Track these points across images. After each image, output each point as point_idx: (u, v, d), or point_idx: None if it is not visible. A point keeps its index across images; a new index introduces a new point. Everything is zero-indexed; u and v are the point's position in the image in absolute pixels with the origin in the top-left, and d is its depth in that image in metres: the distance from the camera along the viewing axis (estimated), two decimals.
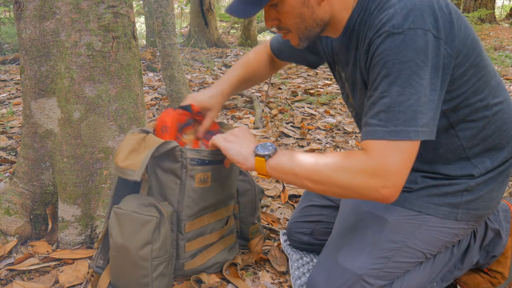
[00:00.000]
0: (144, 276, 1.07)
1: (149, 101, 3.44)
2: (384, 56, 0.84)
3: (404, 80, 0.82)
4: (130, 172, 1.03)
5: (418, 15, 0.82)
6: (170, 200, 1.14)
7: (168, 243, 1.10)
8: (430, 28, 0.82)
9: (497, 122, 0.98)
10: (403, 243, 1.01)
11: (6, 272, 1.24)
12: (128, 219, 1.06)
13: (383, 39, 0.84)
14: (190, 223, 1.16)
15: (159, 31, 2.96)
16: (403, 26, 0.82)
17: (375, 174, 0.85)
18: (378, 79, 0.86)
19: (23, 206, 1.39)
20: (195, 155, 1.11)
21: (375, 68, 0.86)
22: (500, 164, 1.01)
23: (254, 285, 1.24)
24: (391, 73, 0.83)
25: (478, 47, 0.92)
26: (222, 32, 9.98)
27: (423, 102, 0.83)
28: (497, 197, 1.03)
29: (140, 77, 1.45)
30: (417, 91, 0.82)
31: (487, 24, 9.31)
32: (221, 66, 5.44)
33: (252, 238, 1.40)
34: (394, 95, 0.83)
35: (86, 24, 1.27)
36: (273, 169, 0.96)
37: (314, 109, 3.36)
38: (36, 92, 1.33)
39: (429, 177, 1.02)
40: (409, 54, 0.82)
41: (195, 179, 1.13)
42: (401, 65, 0.82)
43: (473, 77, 0.92)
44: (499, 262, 1.17)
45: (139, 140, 1.10)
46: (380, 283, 1.01)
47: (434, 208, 1.01)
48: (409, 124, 0.82)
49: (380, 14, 0.86)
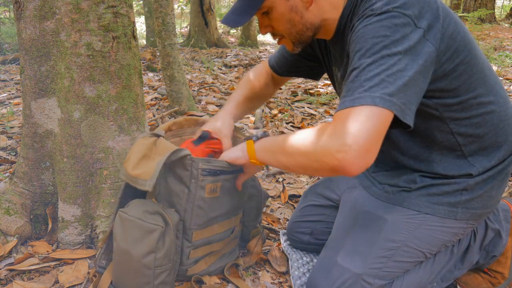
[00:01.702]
0: (146, 283, 1.06)
1: (149, 101, 3.44)
2: (360, 34, 0.85)
3: (375, 52, 0.81)
4: (141, 182, 1.02)
5: (401, 2, 0.82)
6: (177, 208, 1.13)
7: (172, 252, 1.09)
8: (410, 15, 0.82)
9: (493, 120, 0.98)
10: (403, 242, 1.01)
11: (6, 272, 1.24)
12: (133, 225, 1.05)
13: (360, 21, 0.86)
14: (199, 232, 1.15)
15: (159, 31, 2.96)
16: (381, 9, 0.83)
17: (333, 135, 0.79)
18: (354, 57, 0.85)
19: (23, 206, 1.39)
20: (206, 166, 1.10)
21: (351, 46, 0.87)
22: (498, 162, 1.01)
23: (254, 285, 1.24)
24: (362, 47, 0.83)
25: (470, 44, 0.92)
26: (222, 32, 9.98)
27: (392, 73, 0.79)
28: (496, 196, 1.03)
29: (140, 77, 1.45)
30: (387, 63, 0.79)
31: (487, 24, 9.31)
32: (221, 66, 5.44)
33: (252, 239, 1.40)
34: (363, 66, 0.81)
35: (86, 24, 1.27)
36: (259, 150, 1.02)
37: (314, 109, 3.36)
38: (36, 92, 1.33)
39: (428, 177, 1.02)
40: (383, 30, 0.81)
41: (205, 189, 1.11)
42: (373, 40, 0.82)
43: (464, 73, 0.92)
44: (499, 262, 1.17)
45: (150, 145, 1.09)
46: (379, 282, 1.01)
47: (433, 208, 1.01)
48: (375, 90, 0.78)
49: (366, 4, 0.88)
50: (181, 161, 1.08)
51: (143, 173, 1.02)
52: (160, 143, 1.10)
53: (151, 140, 1.10)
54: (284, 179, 2.08)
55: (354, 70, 0.83)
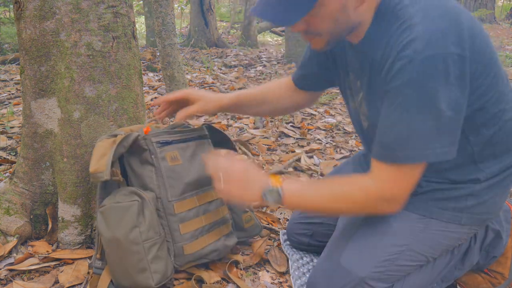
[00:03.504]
0: (139, 260, 1.08)
1: (149, 101, 3.44)
2: (403, 82, 0.83)
3: (423, 106, 0.83)
4: (99, 175, 1.08)
5: (440, 38, 0.80)
6: (151, 188, 1.17)
7: (155, 224, 1.12)
8: (452, 50, 0.80)
9: (507, 128, 0.97)
10: (407, 246, 1.00)
11: (6, 272, 1.24)
12: (111, 211, 1.10)
13: (404, 64, 0.82)
14: (179, 203, 1.17)
15: (159, 31, 2.96)
16: (424, 52, 0.80)
17: (384, 200, 0.93)
18: (396, 103, 0.85)
19: (23, 206, 1.39)
20: (159, 138, 1.18)
21: (394, 91, 0.86)
22: (505, 169, 1.00)
23: (254, 285, 1.24)
24: (410, 99, 0.83)
25: (495, 56, 0.91)
26: (222, 32, 9.98)
27: (442, 124, 0.84)
28: (500, 202, 1.03)
29: (140, 77, 1.45)
30: (436, 117, 0.83)
31: (487, 24, 9.31)
32: (221, 66, 5.43)
33: (249, 228, 1.40)
34: (412, 123, 0.84)
35: (86, 24, 1.27)
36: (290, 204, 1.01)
37: (314, 109, 3.36)
38: (36, 92, 1.33)
39: (433, 181, 1.01)
40: (428, 82, 0.81)
41: (166, 159, 1.18)
42: (420, 92, 0.82)
43: (491, 86, 0.90)
44: (499, 263, 1.17)
45: (108, 145, 1.13)
46: (381, 285, 1.00)
47: (438, 212, 1.00)
48: (426, 147, 0.86)
49: (402, 34, 0.84)
50: (137, 144, 1.17)
51: (99, 167, 1.09)
52: (118, 139, 1.14)
53: (110, 141, 1.15)
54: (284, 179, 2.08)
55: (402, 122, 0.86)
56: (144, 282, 1.09)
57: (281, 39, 9.30)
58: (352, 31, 0.95)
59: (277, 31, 9.72)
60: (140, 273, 1.08)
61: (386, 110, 0.89)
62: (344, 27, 0.92)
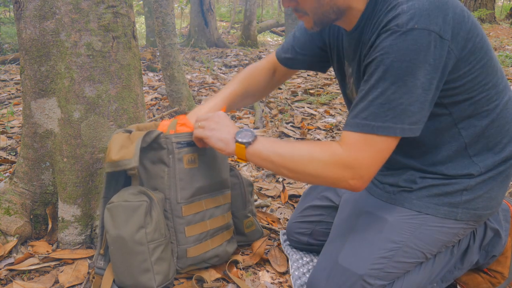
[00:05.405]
0: (143, 260, 1.08)
1: (149, 101, 3.44)
2: (384, 53, 0.85)
3: (399, 78, 0.84)
4: (126, 162, 1.07)
5: (424, 15, 0.82)
6: (160, 188, 1.16)
7: (161, 226, 1.12)
8: (435, 29, 0.82)
9: (500, 121, 0.98)
10: (403, 243, 1.01)
11: (6, 272, 1.24)
12: (119, 209, 1.09)
13: (386, 36, 0.85)
14: (187, 206, 1.17)
15: (159, 31, 2.96)
16: (407, 25, 0.82)
17: (347, 166, 0.90)
18: (374, 74, 0.87)
19: (23, 206, 1.39)
20: (180, 139, 1.16)
21: (373, 62, 0.88)
22: (499, 163, 1.01)
23: (254, 285, 1.24)
24: (387, 70, 0.84)
25: (486, 46, 0.92)
26: (222, 32, 9.99)
27: (414, 101, 0.85)
28: (497, 197, 1.03)
29: (140, 77, 1.45)
30: (410, 91, 0.84)
31: (487, 24, 9.31)
32: (221, 66, 5.44)
33: (249, 233, 1.41)
34: (387, 93, 0.85)
35: (86, 24, 1.27)
36: (252, 155, 1.02)
37: (314, 109, 3.36)
38: (36, 92, 1.33)
39: (428, 177, 1.02)
40: (408, 54, 0.82)
41: (183, 161, 1.16)
42: (398, 64, 0.83)
43: (480, 75, 0.92)
44: (499, 262, 1.17)
45: (125, 138, 1.14)
46: (380, 283, 1.01)
47: (434, 208, 1.01)
48: (396, 121, 0.86)
49: (388, 13, 0.87)
50: (156, 142, 1.15)
51: (125, 154, 1.08)
52: (133, 134, 1.15)
53: (125, 135, 1.15)
54: (284, 178, 2.08)
55: (377, 92, 0.86)
56: (146, 282, 1.09)
57: (281, 39, 9.30)
58: (342, 16, 0.99)
59: (277, 31, 9.73)
60: (143, 273, 1.08)
61: (364, 81, 0.91)
62: (328, 8, 0.95)
